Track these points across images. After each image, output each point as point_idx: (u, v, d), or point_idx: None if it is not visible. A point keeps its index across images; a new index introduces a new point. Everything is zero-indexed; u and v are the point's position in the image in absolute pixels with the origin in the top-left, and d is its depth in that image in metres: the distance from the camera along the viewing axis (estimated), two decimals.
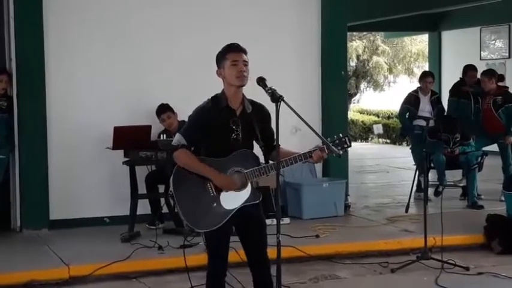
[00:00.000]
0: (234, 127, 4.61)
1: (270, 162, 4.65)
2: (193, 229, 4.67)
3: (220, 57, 4.66)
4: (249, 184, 4.59)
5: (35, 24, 8.48)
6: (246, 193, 4.59)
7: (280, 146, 4.60)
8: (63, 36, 8.65)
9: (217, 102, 4.65)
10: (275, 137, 4.42)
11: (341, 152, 4.54)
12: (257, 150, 4.71)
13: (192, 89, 8.97)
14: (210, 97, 4.70)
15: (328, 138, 4.55)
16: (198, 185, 4.57)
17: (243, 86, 4.62)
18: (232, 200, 4.57)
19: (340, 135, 4.58)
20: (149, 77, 8.94)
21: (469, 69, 11.11)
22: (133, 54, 8.90)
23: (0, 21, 8.78)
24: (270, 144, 4.70)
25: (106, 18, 8.84)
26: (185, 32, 9.09)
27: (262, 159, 4.68)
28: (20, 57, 8.51)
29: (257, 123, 4.59)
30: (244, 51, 4.64)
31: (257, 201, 4.61)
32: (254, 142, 4.73)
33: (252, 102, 4.69)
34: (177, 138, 4.66)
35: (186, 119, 8.37)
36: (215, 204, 4.56)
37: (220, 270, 4.72)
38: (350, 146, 4.57)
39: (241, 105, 4.67)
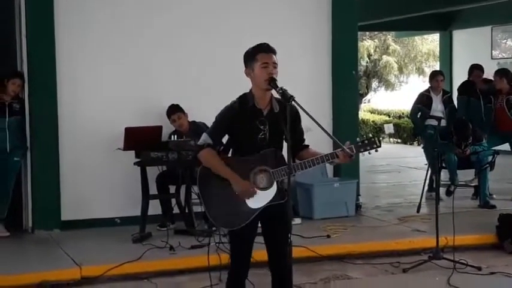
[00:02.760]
0: (261, 127, 4.55)
1: (297, 161, 4.56)
2: (219, 227, 4.63)
3: (249, 58, 4.55)
4: (275, 183, 4.52)
5: (47, 27, 8.51)
6: (271, 192, 4.52)
7: (309, 146, 4.63)
8: (74, 38, 8.66)
9: (244, 101, 4.58)
10: (303, 136, 4.42)
11: (370, 152, 4.47)
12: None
13: (202, 89, 9.01)
14: (237, 96, 4.62)
15: (358, 139, 4.51)
16: (224, 184, 4.52)
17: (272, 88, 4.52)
18: (258, 199, 4.52)
19: (370, 135, 4.52)
20: (160, 78, 8.95)
21: (475, 68, 11.10)
22: (144, 55, 8.91)
23: (12, 23, 8.81)
24: (299, 144, 4.65)
25: (116, 20, 8.85)
26: (195, 33, 9.08)
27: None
28: (31, 59, 8.54)
29: (285, 122, 4.42)
30: (274, 52, 4.54)
31: (283, 201, 4.50)
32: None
33: (280, 102, 4.57)
34: (203, 138, 4.60)
35: (197, 120, 8.55)
36: (240, 203, 4.51)
37: (243, 269, 4.67)
38: (379, 146, 4.48)
39: (269, 104, 4.59)
